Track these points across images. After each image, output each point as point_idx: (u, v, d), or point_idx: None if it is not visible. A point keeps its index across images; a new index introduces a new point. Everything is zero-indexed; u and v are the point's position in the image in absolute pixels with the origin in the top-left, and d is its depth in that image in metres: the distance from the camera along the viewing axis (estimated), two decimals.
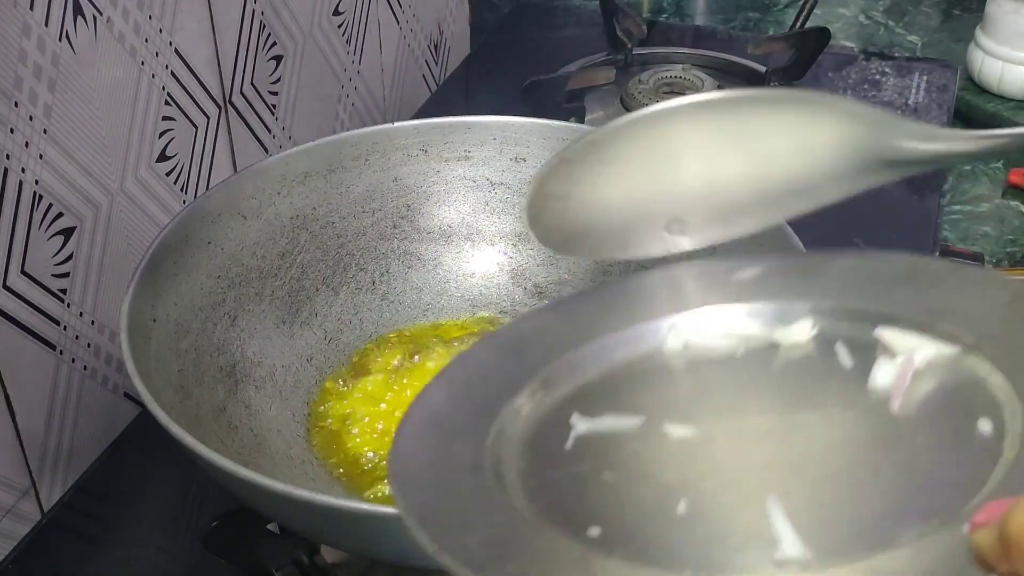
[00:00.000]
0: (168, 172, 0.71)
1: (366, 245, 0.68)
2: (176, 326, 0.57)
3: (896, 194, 0.87)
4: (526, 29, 1.14)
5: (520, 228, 0.69)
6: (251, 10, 0.76)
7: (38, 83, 0.58)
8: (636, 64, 1.02)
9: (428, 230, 0.69)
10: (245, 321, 0.61)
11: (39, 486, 0.64)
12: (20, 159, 0.58)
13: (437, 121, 0.69)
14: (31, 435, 0.62)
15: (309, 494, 0.45)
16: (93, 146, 0.63)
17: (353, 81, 0.91)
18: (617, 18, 1.04)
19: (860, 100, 0.39)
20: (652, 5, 1.28)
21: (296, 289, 0.65)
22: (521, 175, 0.68)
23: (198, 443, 0.46)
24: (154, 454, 0.65)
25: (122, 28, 0.64)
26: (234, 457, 0.48)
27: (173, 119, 0.70)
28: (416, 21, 1.01)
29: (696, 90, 0.95)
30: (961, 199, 0.94)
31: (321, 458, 0.59)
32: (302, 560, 0.56)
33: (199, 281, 0.60)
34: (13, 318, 0.60)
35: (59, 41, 0.59)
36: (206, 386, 0.57)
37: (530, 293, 0.68)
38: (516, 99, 0.87)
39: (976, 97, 1.05)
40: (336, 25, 0.87)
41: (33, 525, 0.63)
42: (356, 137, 0.67)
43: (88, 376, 0.66)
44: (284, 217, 0.65)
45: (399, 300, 0.68)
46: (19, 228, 0.59)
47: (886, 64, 1.05)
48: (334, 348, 0.65)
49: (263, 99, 0.79)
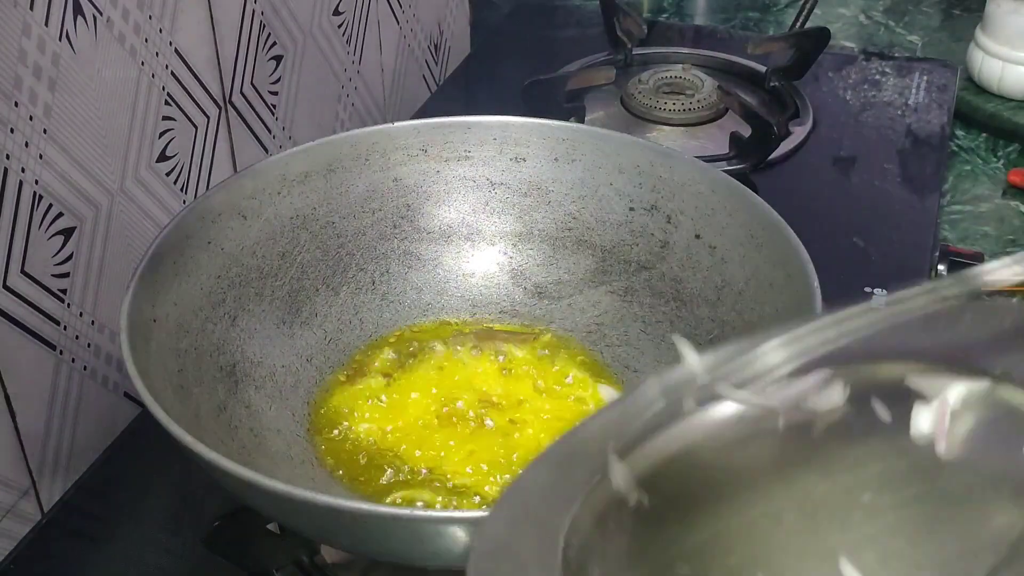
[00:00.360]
0: (168, 172, 0.71)
1: (366, 245, 0.68)
2: (176, 326, 0.57)
3: (896, 194, 0.87)
4: (526, 29, 1.14)
5: (520, 228, 0.69)
6: (251, 10, 0.76)
7: (38, 83, 0.58)
8: (636, 64, 1.02)
9: (428, 230, 0.69)
10: (245, 321, 0.61)
11: (39, 486, 0.64)
12: (20, 159, 0.58)
13: (437, 121, 0.69)
14: (31, 435, 0.62)
15: (309, 494, 0.45)
16: (93, 146, 0.63)
17: (353, 81, 0.91)
18: (617, 18, 1.04)
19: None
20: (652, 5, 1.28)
21: (296, 289, 0.65)
22: (521, 175, 0.68)
23: (198, 443, 0.46)
24: (154, 454, 0.65)
25: (122, 28, 0.64)
26: (234, 457, 0.47)
27: (173, 119, 0.70)
28: (416, 21, 1.01)
29: (695, 90, 0.95)
30: (961, 199, 0.94)
31: (321, 458, 0.59)
32: (302, 560, 0.56)
33: (199, 281, 0.60)
34: (13, 318, 0.60)
35: (59, 41, 0.59)
36: (206, 386, 0.57)
37: (530, 293, 0.68)
38: (516, 99, 0.87)
39: (976, 97, 1.05)
40: (336, 25, 0.87)
41: (33, 525, 0.63)
42: (356, 137, 0.67)
43: (88, 376, 0.66)
44: (284, 217, 0.65)
45: (399, 300, 0.68)
46: (19, 228, 0.59)
47: (886, 64, 1.05)
48: (334, 348, 0.65)
49: (263, 99, 0.80)
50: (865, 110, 0.98)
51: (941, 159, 0.92)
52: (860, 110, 0.98)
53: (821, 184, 0.89)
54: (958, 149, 1.01)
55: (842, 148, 0.93)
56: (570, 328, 0.66)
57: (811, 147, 0.93)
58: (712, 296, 0.62)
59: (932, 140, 0.94)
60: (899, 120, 0.96)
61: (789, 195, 0.85)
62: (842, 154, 0.93)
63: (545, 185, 0.68)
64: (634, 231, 0.66)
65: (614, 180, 0.67)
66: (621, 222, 0.67)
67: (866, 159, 0.92)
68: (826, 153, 0.92)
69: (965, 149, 1.01)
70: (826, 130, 0.95)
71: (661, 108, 0.94)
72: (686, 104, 0.94)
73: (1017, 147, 1.01)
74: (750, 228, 0.60)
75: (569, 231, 0.68)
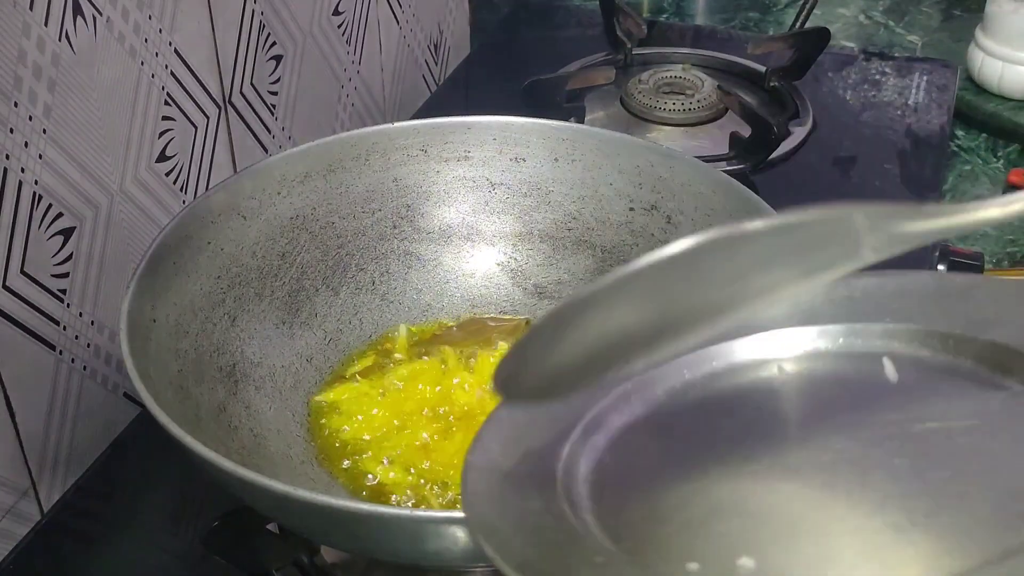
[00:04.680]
0: (168, 172, 0.71)
1: (366, 245, 0.68)
2: (176, 326, 0.57)
3: (896, 194, 0.87)
4: (526, 29, 1.14)
5: (520, 228, 0.69)
6: (251, 10, 0.76)
7: (38, 83, 0.58)
8: (636, 64, 1.02)
9: (428, 230, 0.69)
10: (245, 321, 0.61)
11: (39, 486, 0.64)
12: (20, 159, 0.58)
13: (437, 121, 0.69)
14: (31, 435, 0.62)
15: (309, 494, 0.45)
16: (93, 146, 0.63)
17: (353, 81, 0.91)
18: (617, 18, 1.04)
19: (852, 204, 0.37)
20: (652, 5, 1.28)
21: (296, 289, 0.65)
22: (521, 175, 0.68)
23: (198, 443, 0.46)
24: (154, 454, 0.65)
25: (122, 28, 0.64)
26: (234, 457, 0.48)
27: (173, 119, 0.70)
28: (416, 21, 1.01)
29: (695, 90, 0.96)
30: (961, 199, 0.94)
31: (321, 458, 0.59)
32: (302, 560, 0.56)
33: (199, 281, 0.60)
34: (13, 318, 0.60)
35: (59, 41, 0.59)
36: (206, 386, 0.57)
37: (530, 293, 0.68)
38: (516, 99, 0.87)
39: (976, 97, 1.05)
40: (336, 25, 0.87)
41: (33, 525, 0.63)
42: (356, 137, 0.67)
43: (88, 376, 0.66)
44: (284, 217, 0.65)
45: (399, 300, 0.68)
46: (19, 228, 0.59)
47: (886, 64, 1.05)
48: (334, 348, 0.65)
49: (263, 99, 0.79)
50: (865, 110, 0.98)
51: (941, 159, 0.92)
52: (860, 110, 0.98)
53: (821, 184, 0.89)
54: (958, 149, 1.01)
55: (842, 148, 0.93)
56: None
57: (811, 147, 0.93)
58: None
59: (932, 140, 0.94)
60: (899, 120, 0.96)
61: (789, 195, 0.85)
62: (842, 154, 0.93)
63: (545, 185, 0.68)
64: (634, 231, 0.66)
65: (614, 180, 0.67)
66: (621, 222, 0.67)
67: (866, 159, 0.92)
68: (826, 153, 0.92)
69: (965, 149, 1.01)
70: (826, 130, 0.95)
71: (661, 108, 0.94)
72: (686, 104, 0.94)
73: (1017, 147, 1.01)
74: None
75: (569, 231, 0.68)
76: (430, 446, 0.58)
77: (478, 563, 0.49)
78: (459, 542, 0.44)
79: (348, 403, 0.61)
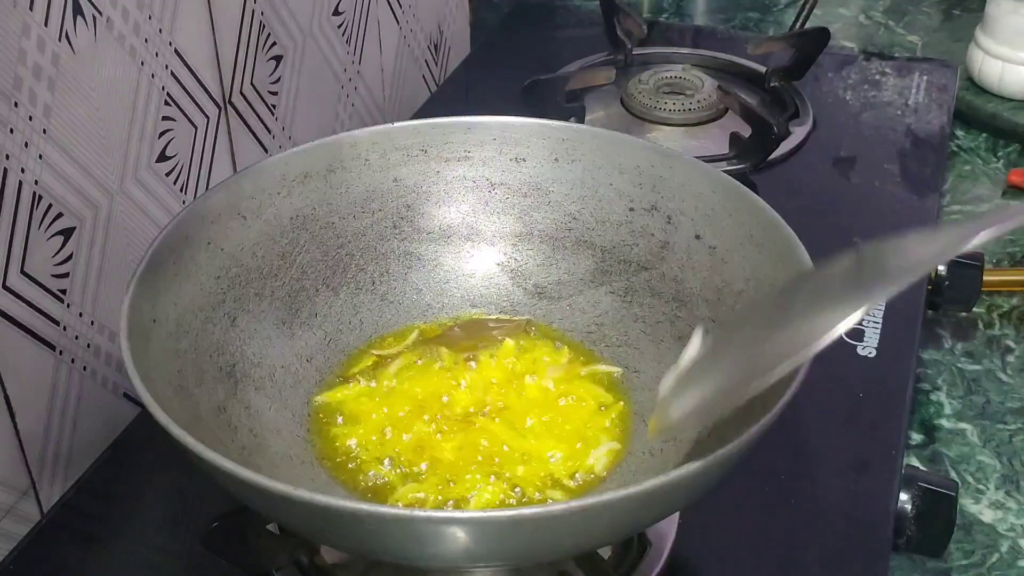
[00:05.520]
0: (168, 172, 0.71)
1: (366, 245, 0.68)
2: (176, 326, 0.57)
3: (896, 194, 0.87)
4: (526, 29, 1.14)
5: (520, 228, 0.69)
6: (251, 10, 0.76)
7: (38, 83, 0.58)
8: (636, 64, 1.03)
9: (428, 230, 0.69)
10: (245, 321, 0.61)
11: (39, 486, 0.64)
12: (20, 159, 0.58)
13: (437, 121, 0.69)
14: (31, 435, 0.62)
15: (309, 494, 0.45)
16: (93, 146, 0.63)
17: (353, 81, 0.91)
18: (617, 18, 1.04)
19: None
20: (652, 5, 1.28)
21: (296, 289, 0.65)
22: (521, 175, 0.68)
23: (198, 443, 0.46)
24: (154, 454, 0.65)
25: (122, 28, 0.64)
26: (234, 457, 0.47)
27: (173, 119, 0.70)
28: (416, 21, 1.01)
29: (696, 90, 0.96)
30: (961, 199, 0.94)
31: (321, 458, 0.59)
32: (302, 560, 0.56)
33: (199, 281, 0.60)
34: (13, 318, 0.60)
35: (59, 41, 0.59)
36: (206, 386, 0.57)
37: (530, 293, 0.68)
38: (516, 99, 0.87)
39: (976, 97, 1.05)
40: (336, 25, 0.87)
41: (33, 525, 0.63)
42: (356, 137, 0.67)
43: (88, 376, 0.66)
44: (284, 217, 0.65)
45: (399, 300, 0.68)
46: (19, 228, 0.59)
47: (886, 64, 1.05)
48: (334, 348, 0.65)
49: (263, 99, 0.80)
50: (865, 110, 0.98)
51: (941, 159, 0.92)
52: (860, 110, 0.98)
53: (821, 184, 0.89)
54: (958, 149, 1.01)
55: (842, 148, 0.93)
56: (570, 328, 0.66)
57: (811, 147, 0.93)
58: (712, 296, 0.62)
59: (932, 140, 0.94)
60: (899, 120, 0.96)
61: (789, 195, 0.85)
62: (842, 154, 0.93)
63: (545, 185, 0.68)
64: (634, 231, 0.66)
65: (614, 180, 0.67)
66: (621, 222, 0.67)
67: (866, 159, 0.92)
68: (826, 153, 0.93)
69: (965, 149, 1.01)
70: (826, 130, 0.95)
71: (661, 108, 0.94)
72: (686, 104, 0.94)
73: (1017, 147, 1.01)
74: (750, 228, 0.60)
75: (569, 231, 0.68)
76: (430, 446, 0.58)
77: (478, 563, 0.49)
78: (459, 542, 0.44)
79: (348, 403, 0.61)
